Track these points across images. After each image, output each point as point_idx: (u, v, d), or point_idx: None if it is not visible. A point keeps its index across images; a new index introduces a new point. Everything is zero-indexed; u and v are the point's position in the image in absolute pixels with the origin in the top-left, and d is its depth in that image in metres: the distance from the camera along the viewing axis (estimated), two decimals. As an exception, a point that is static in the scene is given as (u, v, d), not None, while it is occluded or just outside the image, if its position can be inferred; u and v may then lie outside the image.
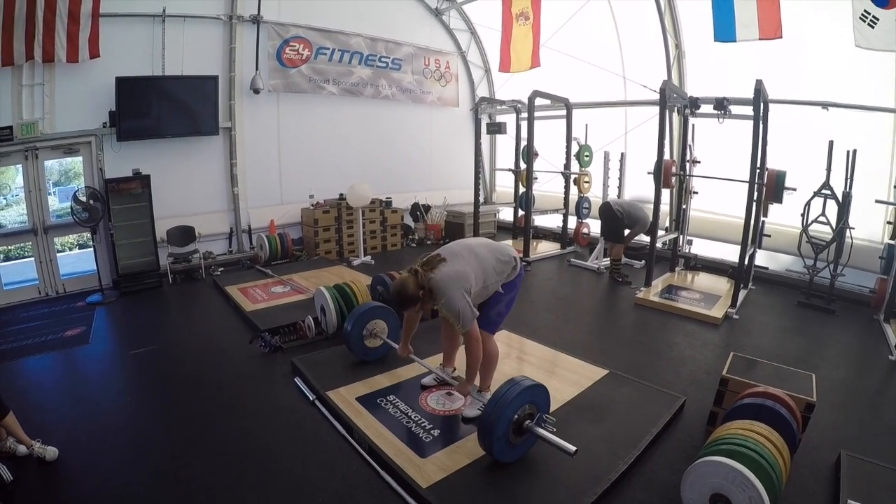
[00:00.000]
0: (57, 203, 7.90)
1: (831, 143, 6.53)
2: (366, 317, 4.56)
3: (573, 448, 2.92)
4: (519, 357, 4.86)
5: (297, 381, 4.38)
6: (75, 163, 7.56)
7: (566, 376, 4.38)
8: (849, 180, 6.51)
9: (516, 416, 3.07)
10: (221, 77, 8.23)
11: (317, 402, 4.01)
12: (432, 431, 3.51)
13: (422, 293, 3.27)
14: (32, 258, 7.10)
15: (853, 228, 6.54)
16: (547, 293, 7.45)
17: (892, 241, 6.41)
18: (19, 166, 6.84)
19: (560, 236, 9.99)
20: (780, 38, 6.79)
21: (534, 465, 3.18)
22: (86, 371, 4.98)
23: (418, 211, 10.83)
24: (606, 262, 8.42)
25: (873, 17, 5.99)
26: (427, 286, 3.27)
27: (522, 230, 9.22)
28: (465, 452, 3.27)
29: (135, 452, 3.49)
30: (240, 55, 8.42)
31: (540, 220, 10.53)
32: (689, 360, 5.03)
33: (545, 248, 9.94)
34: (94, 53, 6.85)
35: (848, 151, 6.48)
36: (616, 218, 7.63)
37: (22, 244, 7.28)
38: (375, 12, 10.04)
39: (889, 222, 6.60)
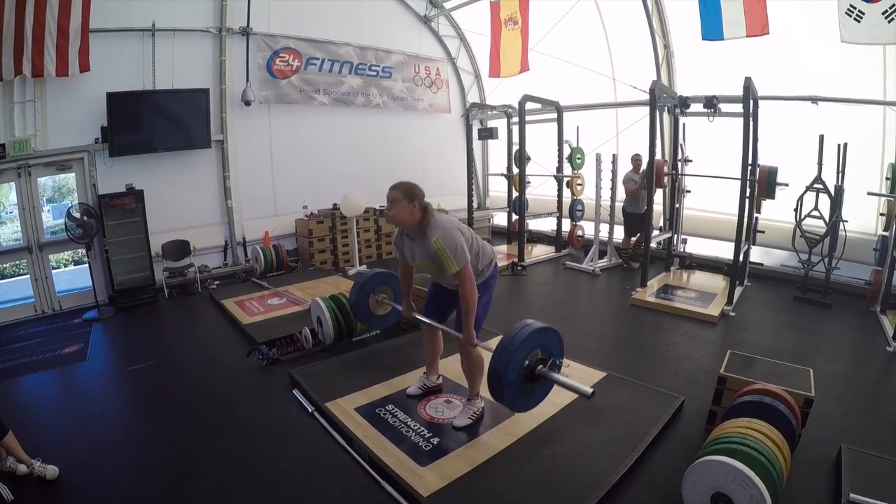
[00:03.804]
0: (51, 220, 7.89)
1: (822, 138, 6.56)
2: (370, 284, 4.50)
3: (590, 390, 2.91)
4: (517, 361, 4.84)
5: (296, 392, 4.37)
6: (68, 179, 7.56)
7: (564, 379, 4.37)
8: (840, 174, 6.55)
9: (527, 363, 2.97)
10: (212, 90, 8.24)
11: (316, 414, 4.00)
12: (432, 440, 3.50)
13: (421, 217, 3.34)
14: (28, 276, 7.07)
15: (846, 221, 6.58)
16: (543, 297, 7.46)
17: (885, 233, 6.44)
18: (12, 184, 6.82)
19: (555, 239, 10.01)
20: (768, 34, 6.85)
21: (534, 471, 3.17)
22: (84, 388, 4.96)
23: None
24: (602, 263, 8.47)
25: (859, 11, 6.03)
26: (426, 220, 3.35)
27: (517, 234, 9.23)
28: (465, 460, 3.26)
29: (135, 469, 3.47)
30: (230, 68, 8.43)
31: (534, 224, 10.53)
32: (687, 360, 5.03)
33: (540, 251, 9.95)
34: (84, 67, 6.84)
35: (839, 145, 6.52)
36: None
37: (17, 262, 7.25)
38: (364, 21, 10.07)
39: (882, 214, 6.63)
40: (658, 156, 7.54)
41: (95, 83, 7.02)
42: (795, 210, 6.81)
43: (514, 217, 10.08)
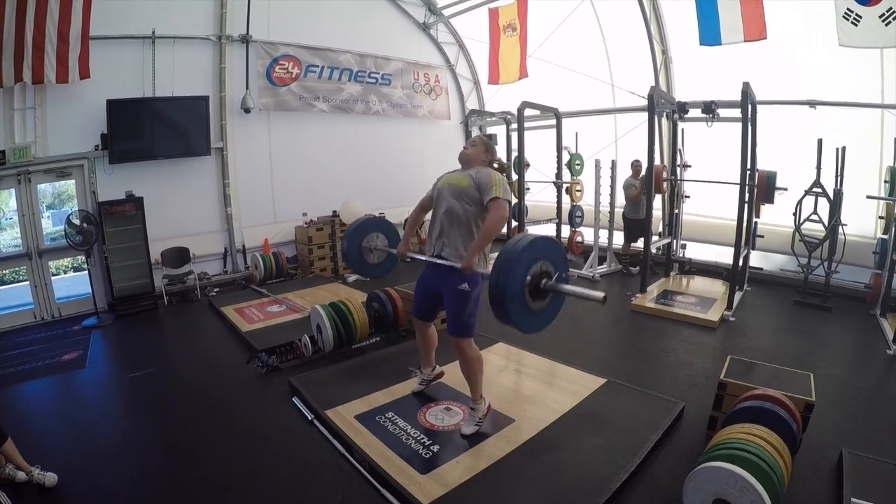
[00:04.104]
0: (51, 226, 7.89)
1: (820, 142, 6.58)
2: (360, 231, 4.42)
3: (602, 294, 2.86)
4: (517, 369, 4.85)
5: (295, 400, 4.36)
6: (68, 186, 7.56)
7: (564, 386, 4.38)
8: (839, 177, 6.57)
9: (529, 278, 2.87)
10: (212, 97, 8.26)
11: (315, 422, 3.99)
12: (432, 447, 3.49)
13: (487, 160, 3.68)
14: (27, 282, 7.08)
15: (845, 225, 6.60)
16: (543, 302, 7.44)
17: (884, 236, 6.45)
18: (12, 190, 6.84)
19: (554, 245, 9.97)
20: (765, 39, 6.87)
21: (535, 478, 3.16)
22: (83, 395, 4.95)
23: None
24: (602, 269, 8.48)
25: (856, 15, 6.07)
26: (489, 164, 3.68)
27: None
28: (465, 468, 3.25)
29: (134, 477, 3.46)
30: (230, 75, 8.46)
31: (533, 231, 10.51)
32: (687, 365, 5.03)
33: (540, 257, 9.90)
34: (85, 74, 6.85)
35: (837, 149, 6.55)
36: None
37: (16, 268, 7.25)
38: (363, 28, 10.11)
39: (881, 217, 6.65)
40: (657, 161, 7.55)
41: (95, 90, 7.03)
42: (794, 214, 6.83)
43: (514, 223, 10.07)
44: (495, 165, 3.70)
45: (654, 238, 8.00)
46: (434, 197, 3.67)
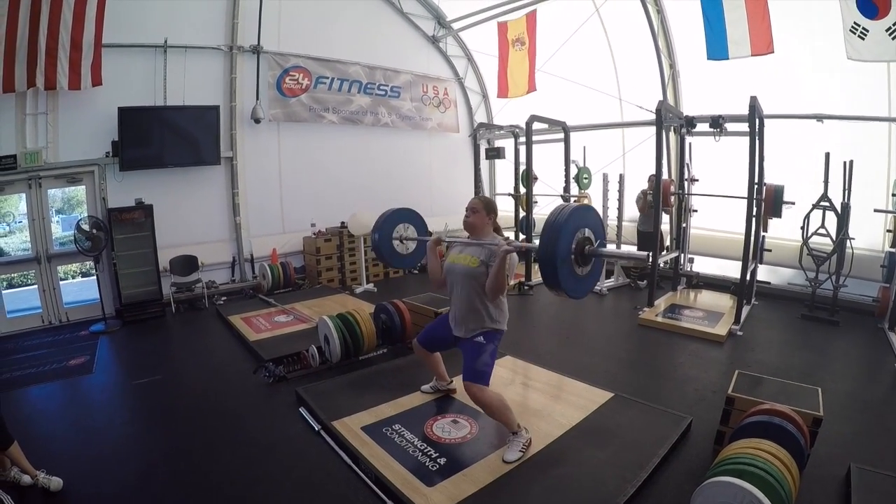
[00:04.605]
0: (60, 231, 7.96)
1: (828, 155, 6.58)
2: (391, 221, 4.45)
3: (646, 253, 2.93)
4: (524, 383, 4.83)
5: (302, 410, 4.36)
6: (78, 191, 7.63)
7: (572, 400, 4.36)
8: (847, 191, 6.55)
9: (574, 245, 3.01)
10: (222, 107, 8.36)
11: (322, 432, 3.99)
12: (438, 460, 3.48)
13: (492, 227, 3.78)
14: (36, 286, 7.14)
15: (853, 238, 6.56)
16: (550, 317, 7.43)
17: (892, 250, 6.43)
18: (23, 195, 6.93)
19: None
20: (772, 53, 6.89)
21: (542, 491, 3.15)
22: (90, 401, 4.98)
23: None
24: (609, 283, 8.48)
25: (863, 28, 6.09)
26: (495, 230, 3.78)
27: (524, 254, 9.22)
28: (471, 481, 3.24)
29: (139, 483, 3.47)
30: (240, 85, 8.56)
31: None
32: (695, 380, 5.00)
33: (547, 270, 9.89)
34: (97, 81, 6.95)
35: (844, 162, 6.53)
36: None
37: (25, 272, 7.33)
38: (373, 41, 10.21)
39: (889, 230, 6.63)
40: (665, 175, 7.55)
41: (107, 97, 7.14)
42: (802, 228, 6.80)
43: (522, 237, 10.07)
44: (496, 224, 3.85)
45: (662, 252, 7.98)
46: (445, 271, 3.78)
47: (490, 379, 3.55)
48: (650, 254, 2.90)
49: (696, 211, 8.26)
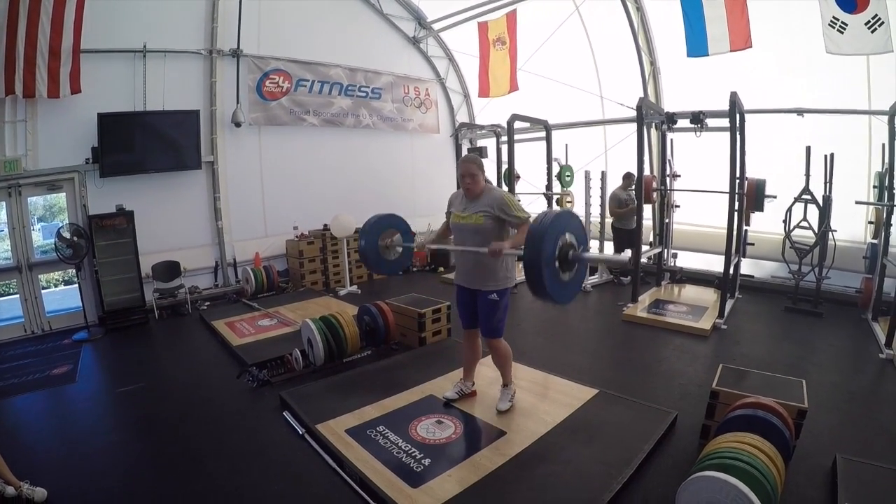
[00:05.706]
0: (41, 239, 7.84)
1: (808, 149, 6.64)
2: (377, 227, 4.43)
3: (627, 256, 2.98)
4: (509, 379, 4.82)
5: (286, 415, 4.31)
6: (59, 198, 7.53)
7: (557, 398, 4.35)
8: (828, 184, 6.62)
9: (557, 251, 3.07)
10: (203, 111, 8.26)
11: (306, 436, 3.95)
12: (423, 461, 3.46)
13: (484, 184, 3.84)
14: (17, 295, 7.02)
15: (835, 231, 6.63)
16: (534, 315, 7.40)
17: (874, 241, 6.49)
18: (2, 203, 6.82)
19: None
20: (751, 47, 6.93)
21: (528, 490, 3.14)
22: (73, 410, 4.88)
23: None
24: (593, 280, 8.49)
25: (842, 23, 6.15)
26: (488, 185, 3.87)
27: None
28: (457, 481, 3.22)
29: (123, 492, 3.41)
30: (220, 89, 8.46)
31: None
32: (680, 374, 5.02)
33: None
34: (76, 89, 6.86)
35: (825, 156, 6.60)
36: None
37: (6, 281, 7.20)
38: (354, 43, 10.14)
39: (870, 222, 6.69)
40: (647, 171, 7.58)
41: (87, 104, 7.03)
42: (784, 221, 6.86)
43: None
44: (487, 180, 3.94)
45: (645, 248, 8.01)
46: (452, 228, 4.04)
47: (504, 329, 4.02)
48: (631, 258, 2.94)
49: (678, 206, 8.30)
